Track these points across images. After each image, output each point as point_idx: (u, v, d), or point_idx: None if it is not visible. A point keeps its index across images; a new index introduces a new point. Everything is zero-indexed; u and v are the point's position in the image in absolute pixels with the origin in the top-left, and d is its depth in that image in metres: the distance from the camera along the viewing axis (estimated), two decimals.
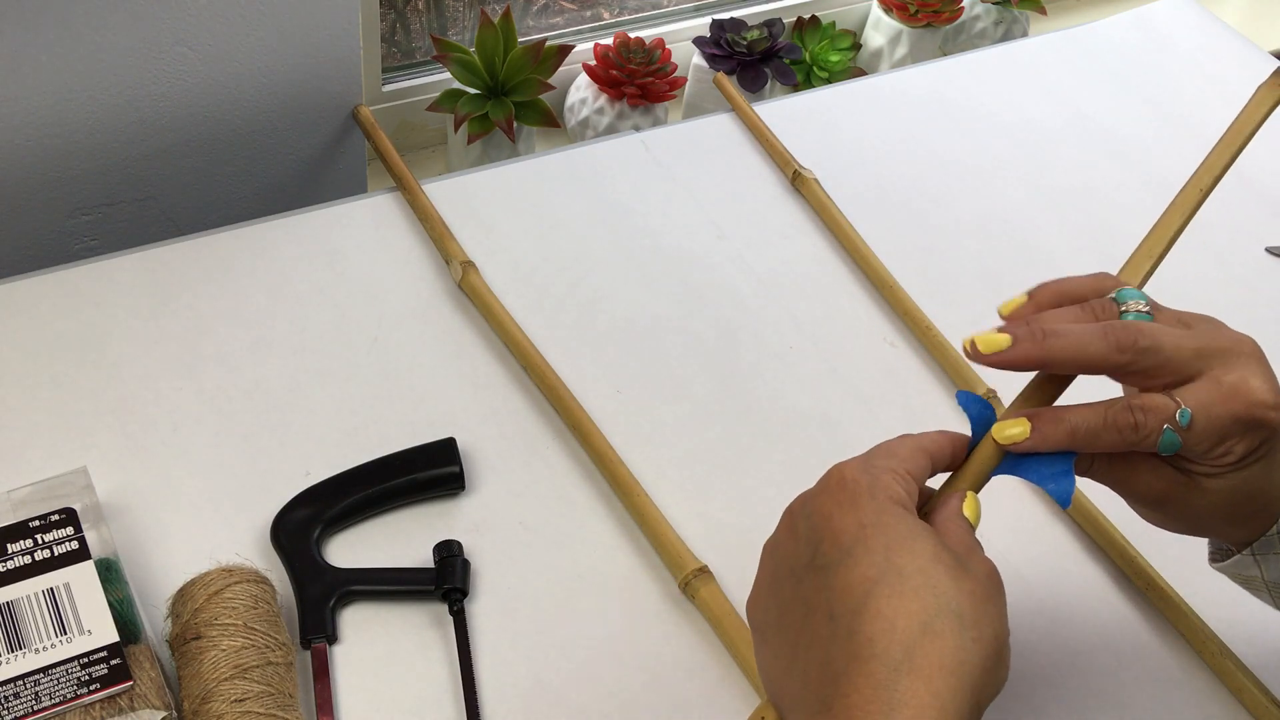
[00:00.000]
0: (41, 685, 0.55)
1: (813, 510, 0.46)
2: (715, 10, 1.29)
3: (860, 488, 0.45)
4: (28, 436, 0.69)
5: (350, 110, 0.95)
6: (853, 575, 0.43)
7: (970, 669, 0.42)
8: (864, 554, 0.43)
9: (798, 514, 0.47)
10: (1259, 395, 0.48)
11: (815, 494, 0.47)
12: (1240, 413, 0.47)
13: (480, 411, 0.73)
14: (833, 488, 0.46)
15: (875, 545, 0.44)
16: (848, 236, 0.86)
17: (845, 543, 0.44)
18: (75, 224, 0.90)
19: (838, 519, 0.45)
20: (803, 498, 0.47)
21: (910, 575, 0.43)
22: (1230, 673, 0.64)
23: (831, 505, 0.45)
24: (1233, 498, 0.50)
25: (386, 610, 0.64)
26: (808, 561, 0.45)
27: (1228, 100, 1.04)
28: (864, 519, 0.44)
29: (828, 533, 0.45)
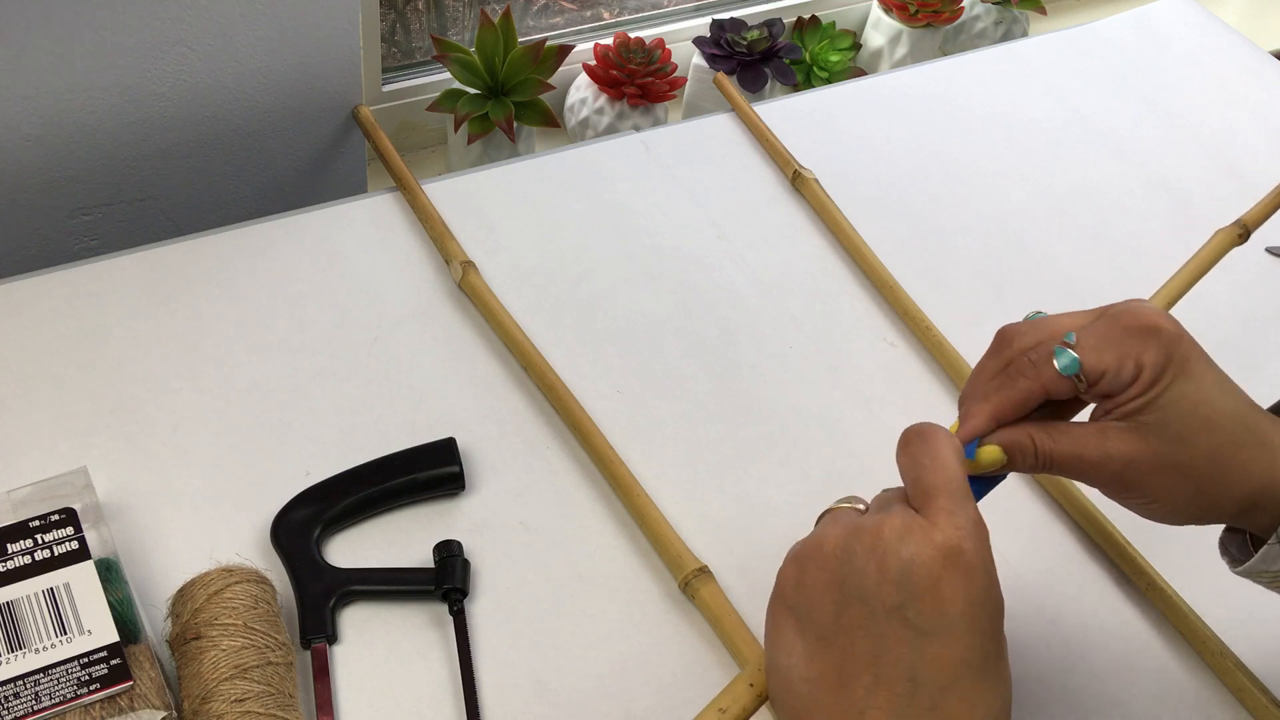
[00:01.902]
0: (41, 685, 0.55)
1: (915, 560, 0.44)
2: (715, 10, 1.29)
3: (975, 564, 0.45)
4: (28, 436, 0.69)
5: (350, 110, 0.95)
6: (949, 652, 0.44)
7: None
8: (965, 634, 0.44)
9: (889, 548, 0.45)
10: (1148, 309, 0.51)
11: (920, 543, 0.45)
12: (1129, 324, 0.50)
13: (480, 411, 0.73)
14: (945, 552, 0.45)
15: (977, 628, 0.45)
16: (848, 236, 0.86)
17: (950, 615, 0.44)
18: (75, 224, 0.90)
19: (947, 588, 0.44)
20: (900, 533, 0.45)
21: (998, 664, 0.45)
22: (1230, 673, 0.64)
23: (941, 569, 0.44)
24: (1182, 437, 0.50)
25: (386, 610, 0.64)
26: (894, 605, 0.44)
27: (1227, 100, 1.05)
28: (973, 597, 0.45)
29: (931, 596, 0.44)
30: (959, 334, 0.80)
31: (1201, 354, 0.51)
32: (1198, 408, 0.50)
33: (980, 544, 0.46)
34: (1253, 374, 0.82)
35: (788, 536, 0.69)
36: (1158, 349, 0.50)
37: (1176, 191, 0.95)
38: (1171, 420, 0.50)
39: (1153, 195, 0.94)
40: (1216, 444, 0.50)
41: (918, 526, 0.45)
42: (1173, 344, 0.50)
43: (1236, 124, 1.02)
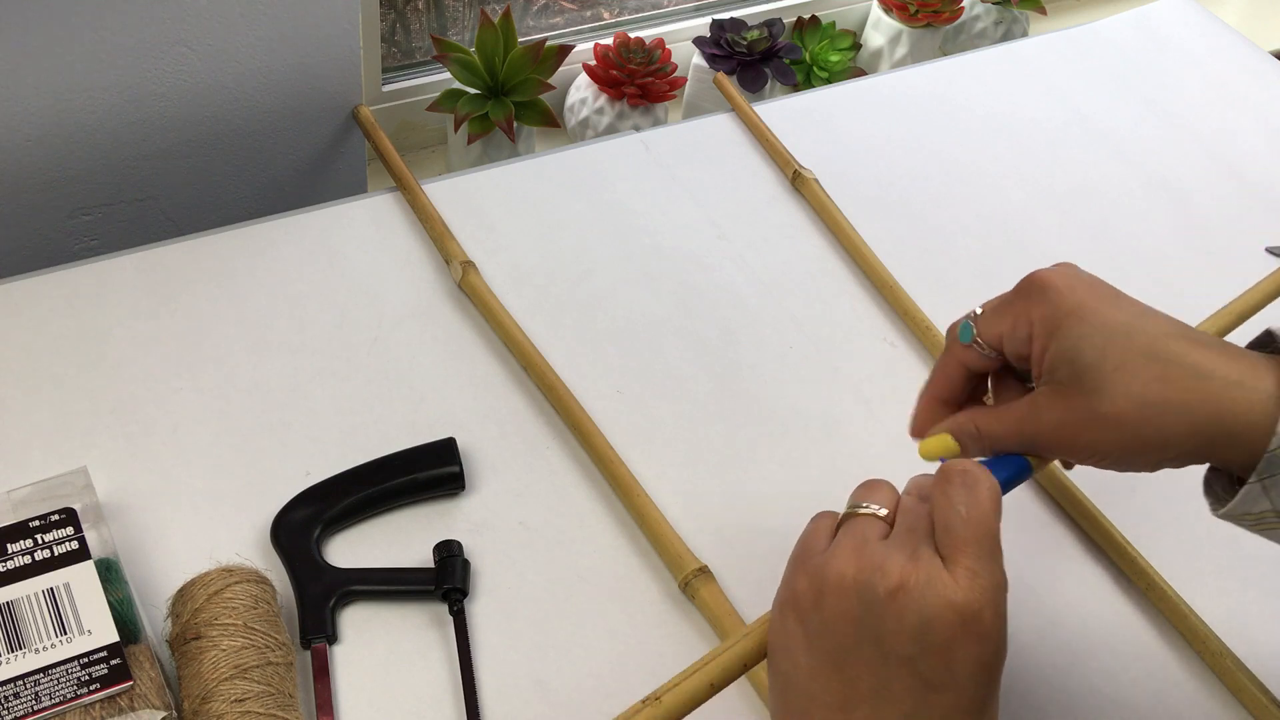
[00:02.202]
0: (41, 685, 0.55)
1: (935, 619, 0.44)
2: (715, 10, 1.29)
3: (991, 630, 0.45)
4: (28, 436, 0.69)
5: (350, 110, 0.95)
6: (950, 703, 0.45)
7: None
8: (971, 691, 0.45)
9: (909, 601, 0.45)
10: (1037, 272, 0.52)
11: (941, 604, 0.44)
12: (1020, 287, 0.52)
13: (480, 411, 0.73)
14: (965, 617, 0.45)
15: (981, 684, 0.45)
16: (848, 236, 0.86)
17: (959, 676, 0.45)
18: (75, 224, 0.90)
19: (960, 650, 0.45)
20: (923, 588, 0.45)
21: (992, 706, 0.46)
22: (1230, 673, 0.64)
23: (958, 631, 0.44)
24: (1107, 385, 0.49)
25: (386, 610, 0.64)
26: (905, 656, 0.45)
27: (1228, 100, 1.05)
28: (985, 660, 0.45)
29: (943, 655, 0.45)
30: None
31: (1104, 296, 0.50)
32: (1105, 352, 0.49)
33: (999, 608, 0.46)
34: None
35: (788, 537, 0.69)
36: (1044, 303, 0.50)
37: (1176, 191, 0.95)
38: (1080, 371, 0.49)
39: (1153, 195, 0.94)
40: (1137, 386, 0.48)
41: (941, 584, 0.45)
42: (1059, 294, 0.50)
43: (1236, 124, 1.02)
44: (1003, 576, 0.47)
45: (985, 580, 0.45)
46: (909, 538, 0.47)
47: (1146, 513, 0.73)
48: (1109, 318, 0.50)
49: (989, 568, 0.46)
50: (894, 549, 0.46)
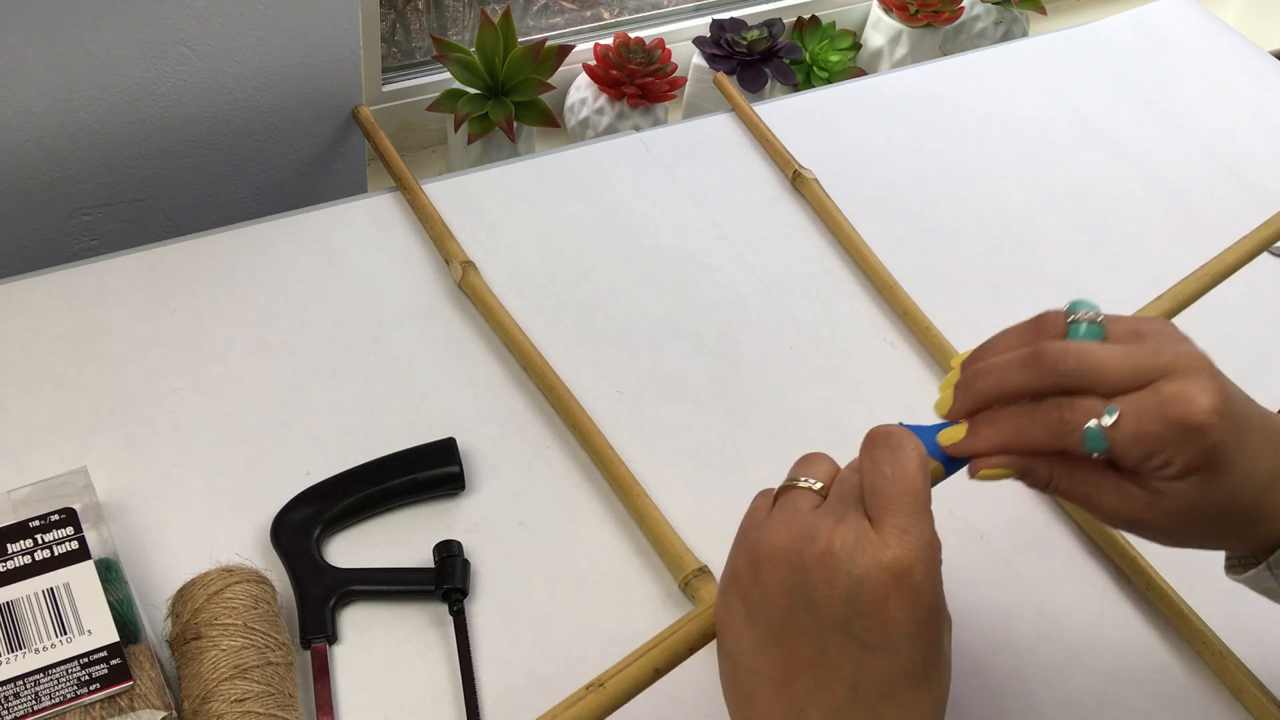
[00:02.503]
0: (41, 685, 0.55)
1: (864, 579, 0.44)
2: (715, 10, 1.29)
3: (924, 586, 0.45)
4: (28, 436, 0.69)
5: (350, 110, 0.95)
6: (891, 664, 0.45)
7: None
8: (908, 649, 0.45)
9: (839, 563, 0.45)
10: (1198, 403, 0.46)
11: (870, 562, 0.44)
12: (1175, 418, 0.46)
13: (480, 411, 0.73)
14: (895, 573, 0.44)
15: (920, 644, 0.45)
16: (848, 236, 0.86)
17: (894, 634, 0.45)
18: (75, 224, 0.90)
19: (894, 608, 0.44)
20: (850, 549, 0.45)
21: (938, 670, 0.46)
22: (1230, 673, 0.64)
23: (889, 590, 0.44)
24: (1204, 513, 0.48)
25: (386, 610, 0.64)
26: (840, 619, 0.45)
27: (1228, 100, 1.05)
28: (920, 616, 0.45)
29: (877, 614, 0.44)
30: (959, 334, 0.80)
31: (1239, 440, 0.47)
32: (1228, 496, 0.48)
33: (931, 564, 0.46)
34: (1254, 374, 0.82)
35: None
36: (1195, 451, 0.46)
37: (1176, 191, 0.95)
38: (1192, 503, 0.48)
39: (1153, 195, 0.94)
40: (1239, 504, 0.48)
41: (869, 544, 0.45)
42: (1212, 448, 0.47)
43: (1236, 124, 1.02)
44: (933, 534, 0.46)
45: (914, 537, 0.45)
46: (839, 505, 0.47)
47: None
48: (1240, 463, 0.47)
49: (917, 524, 0.46)
50: (823, 515, 0.46)
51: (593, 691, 0.50)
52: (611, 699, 0.50)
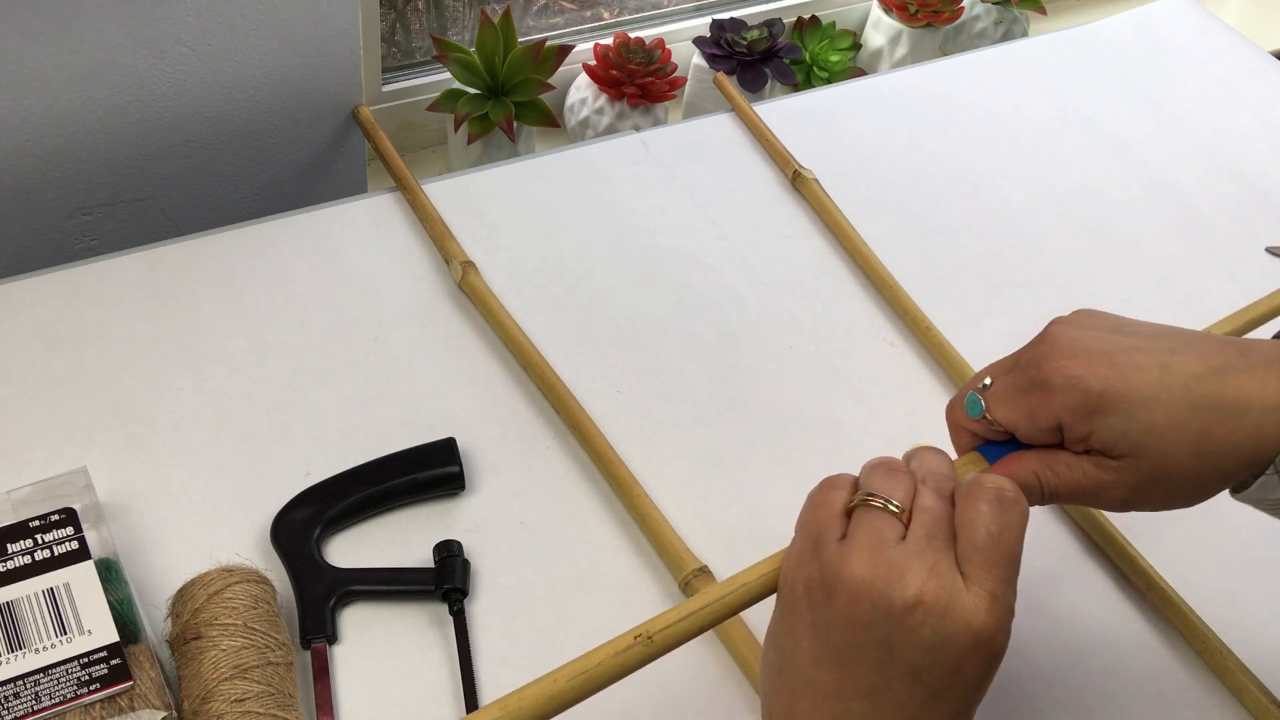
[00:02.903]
0: (41, 685, 0.55)
1: (950, 639, 0.45)
2: (715, 10, 1.29)
3: (1000, 651, 0.46)
4: (28, 436, 0.69)
5: (350, 110, 0.95)
6: (948, 711, 0.46)
7: None
8: (969, 698, 0.46)
9: (927, 617, 0.45)
10: (1045, 361, 0.51)
11: (958, 626, 0.45)
12: (1026, 380, 0.51)
13: (480, 411, 0.73)
14: (980, 640, 0.45)
15: (981, 692, 0.47)
16: (848, 236, 0.86)
17: (961, 689, 0.46)
18: (75, 224, 0.90)
19: (969, 667, 0.45)
20: (943, 608, 0.45)
21: (977, 706, 0.47)
22: (1230, 673, 0.64)
23: (970, 653, 0.45)
24: (1160, 454, 0.50)
25: (386, 610, 0.64)
26: (912, 665, 0.45)
27: (1228, 100, 1.05)
28: (989, 675, 0.46)
29: (952, 670, 0.45)
30: (959, 334, 0.80)
31: (1123, 363, 0.50)
32: (1152, 421, 0.49)
33: (1008, 631, 0.46)
34: None
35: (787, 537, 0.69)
36: (1068, 393, 0.50)
37: (1176, 191, 0.95)
38: (1136, 445, 0.49)
39: (1153, 195, 0.94)
40: (1186, 443, 0.49)
41: (961, 606, 0.45)
42: (1082, 381, 0.49)
43: (1236, 124, 1.02)
44: (1014, 600, 0.47)
45: (1003, 605, 0.46)
46: (928, 546, 0.46)
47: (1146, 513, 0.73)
48: (1139, 385, 0.49)
49: (1008, 593, 0.46)
50: (913, 558, 0.46)
51: (640, 642, 0.49)
52: (658, 650, 0.50)
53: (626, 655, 0.49)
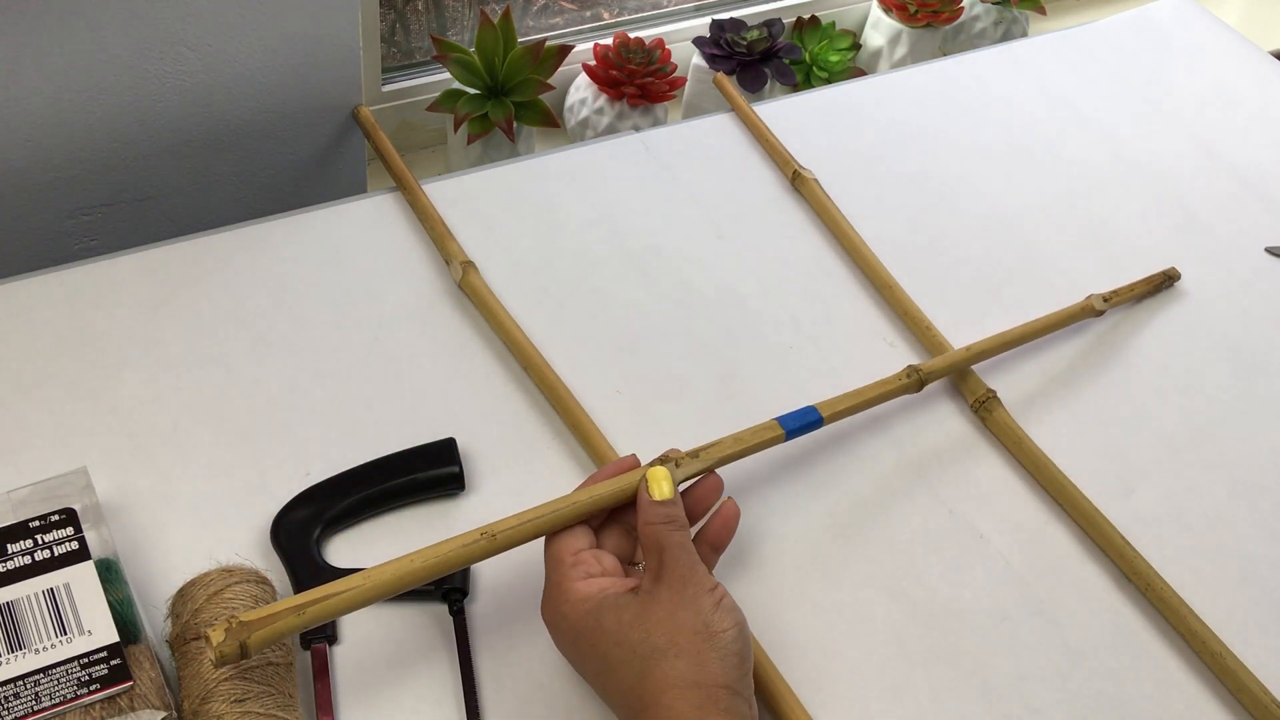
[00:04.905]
0: (41, 685, 0.55)
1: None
2: (715, 10, 1.29)
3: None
4: (28, 436, 0.69)
5: (350, 110, 0.95)
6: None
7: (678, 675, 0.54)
8: None
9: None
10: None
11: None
12: None
13: (480, 411, 0.73)
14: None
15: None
16: (848, 236, 0.86)
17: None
18: (75, 224, 0.90)
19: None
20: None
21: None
22: (1230, 673, 0.64)
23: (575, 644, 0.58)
24: None
25: (386, 610, 0.64)
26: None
27: (1228, 100, 1.05)
28: None
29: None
30: (958, 334, 0.80)
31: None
32: None
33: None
34: (1253, 374, 0.82)
35: (787, 539, 0.69)
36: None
37: (1176, 191, 0.95)
38: None
39: (1152, 195, 0.94)
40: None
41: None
42: None
43: (1236, 124, 1.02)
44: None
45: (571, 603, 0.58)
46: None
47: (1146, 513, 0.73)
48: None
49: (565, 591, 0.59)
50: None
51: (485, 539, 0.58)
52: (500, 547, 0.58)
53: (472, 548, 0.57)
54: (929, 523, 0.71)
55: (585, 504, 0.60)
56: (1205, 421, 0.78)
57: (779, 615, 0.65)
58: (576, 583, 0.57)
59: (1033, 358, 0.81)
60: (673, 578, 0.56)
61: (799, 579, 0.67)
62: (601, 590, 0.57)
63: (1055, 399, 0.78)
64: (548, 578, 0.59)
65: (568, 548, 0.59)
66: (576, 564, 0.58)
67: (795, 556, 0.68)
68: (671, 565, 0.56)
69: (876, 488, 0.72)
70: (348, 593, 0.55)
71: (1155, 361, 0.82)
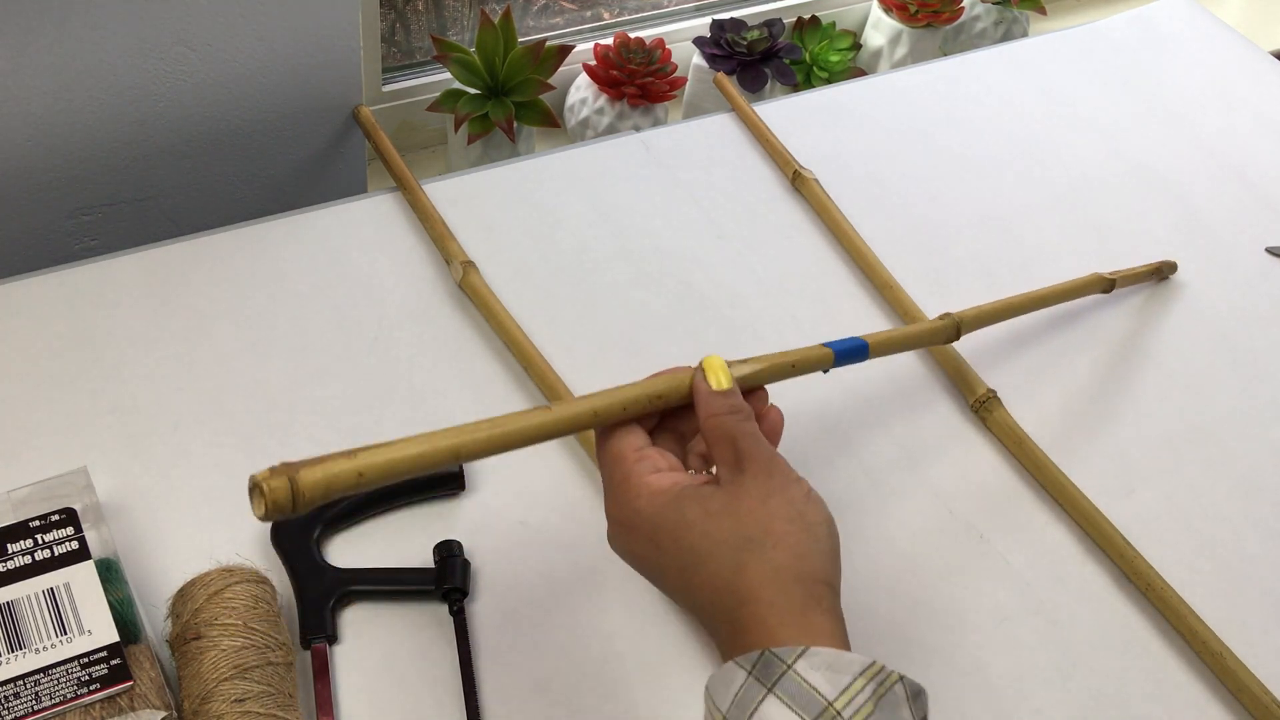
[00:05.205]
0: (42, 685, 0.55)
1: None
2: (715, 10, 1.29)
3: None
4: (28, 436, 0.69)
5: (350, 110, 0.95)
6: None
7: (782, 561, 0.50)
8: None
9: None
10: None
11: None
12: None
13: (480, 411, 0.73)
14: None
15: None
16: (848, 236, 0.86)
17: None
18: (75, 224, 0.90)
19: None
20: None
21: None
22: (1229, 673, 0.64)
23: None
24: None
25: (386, 610, 0.64)
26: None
27: (1228, 100, 1.05)
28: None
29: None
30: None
31: None
32: None
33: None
34: (1253, 374, 0.82)
35: None
36: None
37: (1176, 191, 0.95)
38: None
39: (1152, 195, 0.95)
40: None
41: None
42: None
43: (1236, 124, 1.02)
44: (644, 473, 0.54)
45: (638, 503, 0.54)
46: None
47: (1146, 513, 0.73)
48: None
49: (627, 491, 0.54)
50: None
51: (540, 410, 0.54)
52: (556, 424, 0.54)
53: (531, 419, 0.54)
54: (929, 523, 0.71)
55: (641, 395, 0.55)
56: (1206, 421, 0.78)
57: None
58: (648, 476, 0.53)
59: (1032, 357, 0.81)
60: (756, 467, 0.52)
61: None
62: (676, 483, 0.52)
63: (1055, 399, 0.78)
64: (610, 478, 0.54)
65: (629, 444, 0.54)
66: (641, 459, 0.53)
67: None
68: (752, 454, 0.52)
69: (876, 487, 0.72)
70: (401, 444, 0.50)
71: (1156, 361, 0.82)
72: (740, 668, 0.47)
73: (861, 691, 0.45)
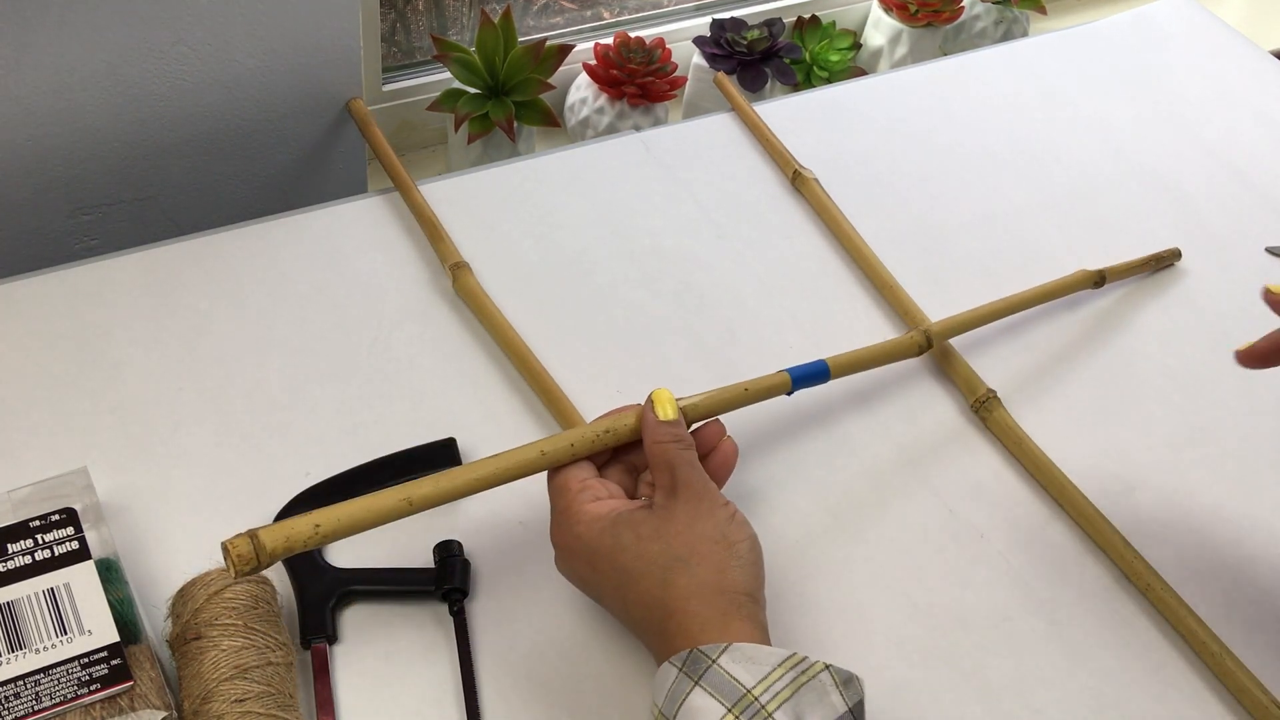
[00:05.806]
0: (42, 685, 0.55)
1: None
2: (715, 10, 1.29)
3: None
4: (28, 436, 0.69)
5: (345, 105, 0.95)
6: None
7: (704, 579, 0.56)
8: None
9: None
10: None
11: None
12: None
13: (480, 411, 0.73)
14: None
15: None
16: (848, 236, 0.86)
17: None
18: (75, 224, 0.90)
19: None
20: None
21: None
22: (1230, 673, 0.64)
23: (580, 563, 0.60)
24: None
25: (386, 610, 0.64)
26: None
27: (1228, 100, 1.05)
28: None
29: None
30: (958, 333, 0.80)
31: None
32: None
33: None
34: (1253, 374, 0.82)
35: (785, 537, 0.69)
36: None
37: (1176, 191, 0.95)
38: None
39: (1153, 195, 0.94)
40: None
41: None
42: None
43: (1236, 124, 1.02)
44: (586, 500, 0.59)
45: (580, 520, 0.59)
46: None
47: (1146, 513, 0.73)
48: None
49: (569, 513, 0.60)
50: None
51: (487, 460, 0.59)
52: (504, 472, 0.59)
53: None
54: (929, 523, 0.71)
55: (589, 433, 0.61)
56: (1205, 421, 0.78)
57: (779, 615, 0.65)
58: (587, 505, 0.58)
59: (1032, 357, 0.81)
60: (688, 492, 0.58)
61: (799, 579, 0.67)
62: (613, 510, 0.58)
63: (1055, 399, 0.78)
64: (554, 506, 0.60)
65: (574, 476, 0.60)
66: (584, 489, 0.59)
67: (795, 556, 0.68)
68: (685, 480, 0.58)
69: (876, 488, 0.72)
70: (356, 506, 0.56)
71: (1156, 361, 0.82)
72: (673, 665, 0.52)
73: (780, 680, 0.51)
